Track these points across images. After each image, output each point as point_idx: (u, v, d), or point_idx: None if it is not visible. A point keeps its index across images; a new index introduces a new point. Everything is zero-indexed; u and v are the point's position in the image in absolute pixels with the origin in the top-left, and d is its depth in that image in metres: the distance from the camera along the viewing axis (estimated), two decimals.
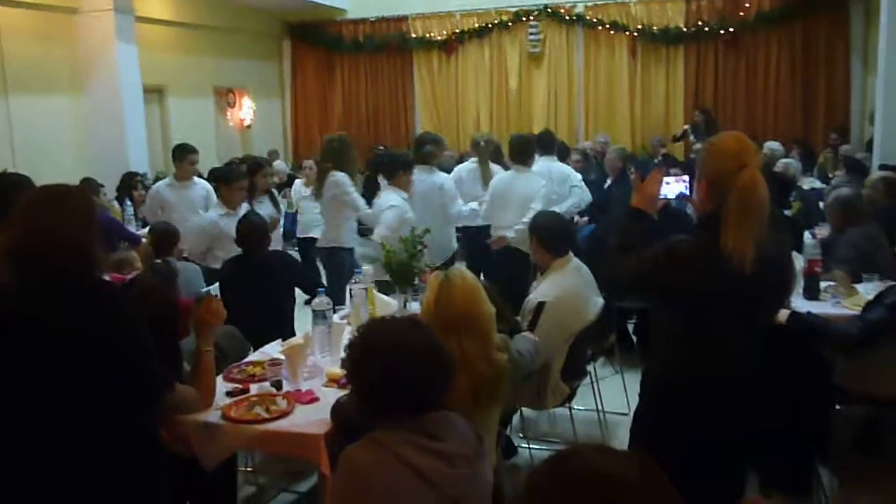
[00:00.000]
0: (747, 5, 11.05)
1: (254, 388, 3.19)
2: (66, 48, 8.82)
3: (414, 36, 12.56)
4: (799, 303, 4.04)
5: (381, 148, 8.16)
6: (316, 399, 3.07)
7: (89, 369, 2.17)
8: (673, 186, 2.64)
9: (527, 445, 4.22)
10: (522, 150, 5.98)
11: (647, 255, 2.42)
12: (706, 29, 11.19)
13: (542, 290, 3.79)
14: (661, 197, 2.60)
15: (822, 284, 4.27)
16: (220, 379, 3.14)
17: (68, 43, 8.84)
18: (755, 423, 2.58)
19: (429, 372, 1.95)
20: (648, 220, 2.55)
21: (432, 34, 12.47)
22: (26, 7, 8.28)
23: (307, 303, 4.20)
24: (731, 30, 11.10)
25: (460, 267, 2.84)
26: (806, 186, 7.61)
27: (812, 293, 4.20)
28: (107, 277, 2.92)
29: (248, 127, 12.45)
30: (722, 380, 2.43)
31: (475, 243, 6.47)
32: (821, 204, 6.75)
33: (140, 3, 9.25)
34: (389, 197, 5.31)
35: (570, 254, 3.92)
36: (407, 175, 5.38)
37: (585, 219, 7.32)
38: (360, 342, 2.01)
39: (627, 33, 11.56)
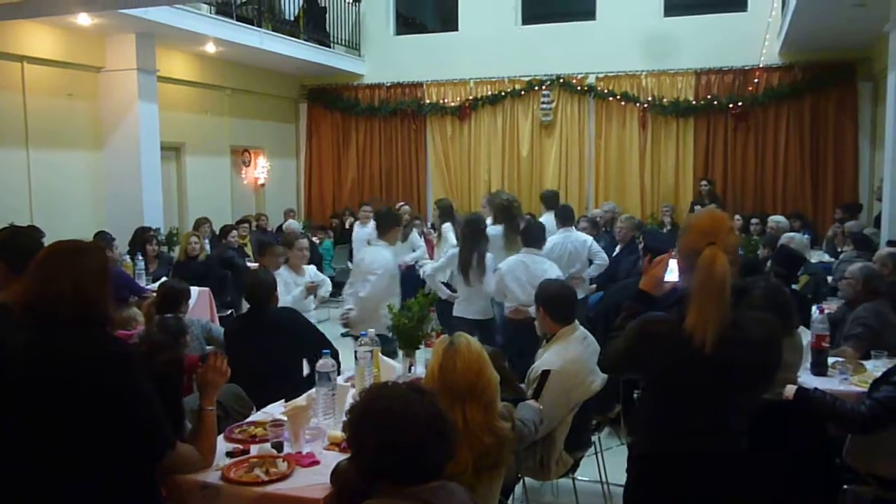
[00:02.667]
0: (756, 81, 11.24)
1: (254, 449, 3.16)
2: (88, 105, 9.05)
3: (428, 102, 12.81)
4: (806, 378, 4.00)
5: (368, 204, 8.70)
6: (316, 462, 3.04)
7: (95, 422, 2.18)
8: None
9: None
10: (539, 236, 6.11)
11: (626, 332, 2.46)
12: (715, 102, 11.37)
13: (546, 358, 3.78)
14: (667, 280, 2.63)
15: (830, 360, 4.24)
16: (220, 438, 3.13)
17: (91, 100, 9.08)
18: (748, 500, 2.55)
19: (429, 440, 1.93)
20: (653, 302, 2.58)
21: (446, 100, 12.72)
22: (53, 65, 8.52)
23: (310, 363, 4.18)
24: (741, 104, 11.27)
25: (465, 334, 2.83)
26: (814, 260, 7.61)
27: (820, 369, 4.16)
28: None
29: (263, 185, 12.62)
30: (701, 455, 2.41)
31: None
32: (829, 279, 6.76)
33: (162, 63, 9.51)
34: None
35: (576, 322, 3.92)
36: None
37: (594, 286, 7.32)
38: (360, 407, 2.01)
39: (638, 105, 11.76)
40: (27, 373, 2.22)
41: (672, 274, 2.63)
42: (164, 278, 6.68)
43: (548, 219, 7.77)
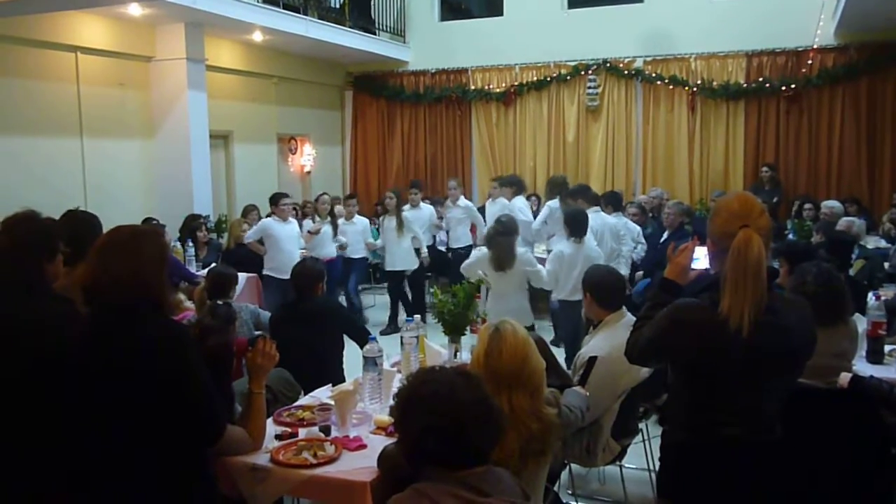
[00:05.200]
0: (810, 62, 10.94)
1: (302, 433, 3.22)
2: (139, 94, 9.22)
3: (473, 88, 12.75)
4: (861, 366, 3.91)
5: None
6: (363, 446, 3.08)
7: (152, 405, 2.23)
8: (705, 256, 2.60)
9: (575, 503, 4.15)
10: (583, 224, 6.17)
11: (655, 320, 2.43)
12: (767, 85, 11.09)
13: (594, 344, 3.76)
14: (693, 268, 2.59)
15: (887, 348, 4.13)
16: (269, 422, 3.18)
17: (142, 89, 9.25)
18: (788, 491, 2.50)
19: (475, 424, 1.92)
20: (679, 291, 2.54)
21: (491, 86, 12.64)
22: (105, 55, 8.69)
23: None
24: (794, 86, 10.98)
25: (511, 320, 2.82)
26: (870, 246, 7.41)
27: (876, 356, 4.07)
28: None
29: (308, 173, 12.73)
30: (735, 442, 2.38)
31: None
32: (885, 264, 6.58)
33: (211, 52, 9.63)
34: None
35: (624, 309, 3.88)
36: None
37: (641, 273, 7.25)
38: (407, 391, 2.02)
39: (687, 88, 11.53)
40: (86, 357, 2.28)
41: (698, 262, 2.60)
42: (213, 264, 6.81)
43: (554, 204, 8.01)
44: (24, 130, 7.86)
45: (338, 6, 11.73)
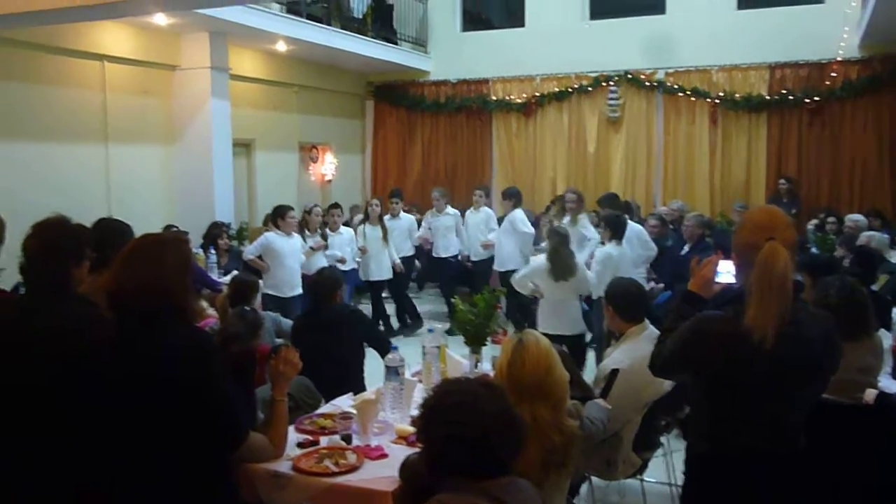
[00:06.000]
0: (833, 74, 10.87)
1: (324, 441, 3.23)
2: (163, 102, 9.32)
3: (494, 98, 12.78)
4: (886, 382, 3.87)
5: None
6: (385, 455, 3.08)
7: (176, 411, 2.25)
8: (728, 269, 2.59)
9: None
10: (623, 227, 6.45)
11: (678, 332, 2.43)
12: (790, 97, 11.04)
13: (616, 356, 3.75)
14: (717, 281, 2.59)
15: None
16: (291, 429, 3.19)
17: (166, 97, 9.35)
18: (806, 503, 2.48)
19: (497, 434, 1.93)
20: (703, 304, 2.54)
21: (512, 97, 12.67)
22: (131, 63, 8.80)
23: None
24: (817, 98, 10.92)
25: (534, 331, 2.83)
26: (893, 260, 7.33)
27: None
28: None
29: (329, 181, 12.80)
30: (759, 455, 2.37)
31: None
32: None
33: (235, 61, 9.73)
34: None
35: (646, 321, 3.87)
36: None
37: (661, 285, 7.22)
38: (431, 401, 2.02)
39: (708, 100, 11.50)
40: (110, 363, 2.31)
41: (722, 276, 2.59)
42: (234, 272, 6.86)
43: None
44: (51, 137, 7.97)
45: (360, 16, 11.81)
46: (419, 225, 9.56)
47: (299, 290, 7.10)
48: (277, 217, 7.32)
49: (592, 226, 7.84)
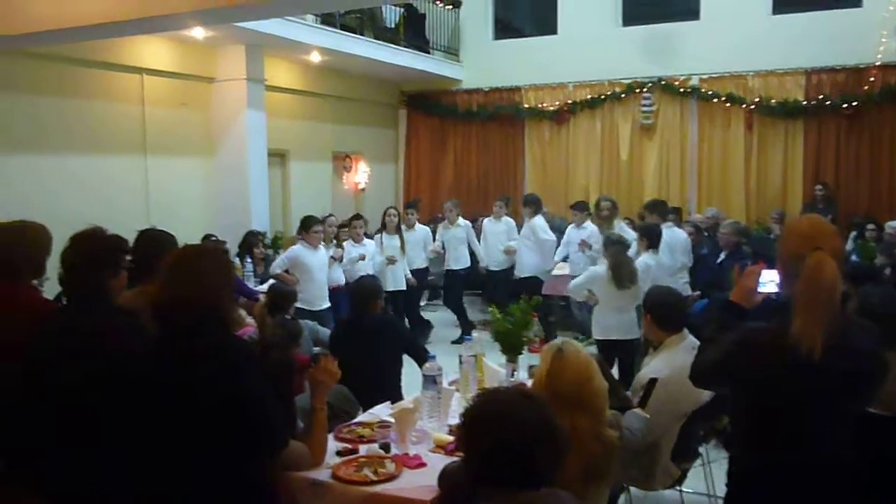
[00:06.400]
0: (872, 79, 10.70)
1: (362, 449, 3.25)
2: (201, 113, 9.48)
3: (526, 106, 12.78)
4: None
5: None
6: (423, 464, 3.09)
7: (218, 421, 2.28)
8: (771, 279, 2.58)
9: None
10: (659, 237, 6.55)
11: (722, 343, 2.41)
12: (827, 103, 10.88)
13: (654, 366, 3.73)
14: (760, 291, 2.57)
15: None
16: (329, 437, 3.21)
17: (203, 109, 9.50)
18: None
19: (539, 444, 1.92)
20: (744, 314, 2.52)
21: (545, 104, 12.65)
22: (169, 76, 8.97)
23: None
24: (854, 104, 10.75)
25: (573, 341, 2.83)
26: None
27: None
28: None
29: (363, 190, 12.89)
30: (806, 468, 2.34)
31: None
32: None
33: (270, 72, 9.85)
34: None
35: (685, 331, 3.84)
36: None
37: (698, 293, 7.16)
38: (472, 411, 2.03)
39: (744, 106, 11.38)
40: (152, 375, 2.35)
41: (765, 286, 2.57)
42: (271, 281, 6.92)
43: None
44: (91, 149, 8.14)
45: (393, 26, 11.89)
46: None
47: (328, 303, 7.06)
48: (303, 230, 7.20)
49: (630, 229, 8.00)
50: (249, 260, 7.86)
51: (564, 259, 8.63)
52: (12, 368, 2.61)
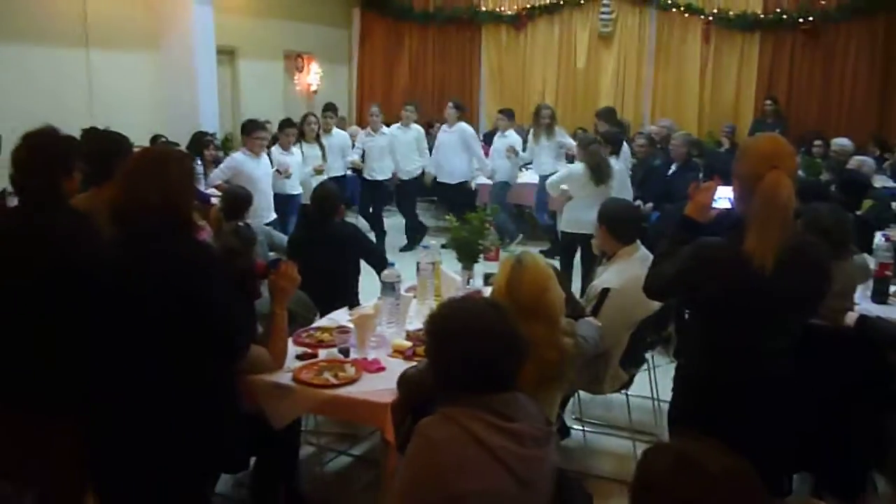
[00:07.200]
0: None
1: (322, 354, 3.29)
2: (145, 6, 9.02)
3: (484, 9, 12.50)
4: (867, 305, 3.98)
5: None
6: (382, 368, 3.15)
7: (181, 324, 2.28)
8: (725, 195, 2.63)
9: (580, 428, 4.28)
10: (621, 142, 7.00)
11: (678, 257, 2.48)
12: (784, 17, 10.90)
13: (607, 277, 3.81)
14: (714, 207, 2.63)
15: (892, 288, 4.20)
16: (289, 342, 3.24)
17: (148, 1, 9.04)
18: (795, 426, 2.59)
19: (504, 353, 1.98)
20: (699, 229, 2.58)
21: (503, 8, 12.40)
22: None
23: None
24: (811, 19, 10.79)
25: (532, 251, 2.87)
26: (877, 185, 7.41)
27: (881, 297, 4.13)
28: None
29: (315, 92, 12.58)
30: (748, 380, 2.45)
31: None
32: (893, 204, 6.59)
33: None
34: None
35: (638, 242, 3.92)
36: None
37: (650, 206, 7.27)
38: (440, 320, 2.06)
39: (702, 17, 11.33)
40: (116, 281, 2.32)
41: (719, 201, 2.63)
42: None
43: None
44: (28, 38, 7.69)
45: None
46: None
47: (274, 214, 6.65)
48: (245, 134, 6.61)
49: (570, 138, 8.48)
50: (200, 162, 7.65)
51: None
52: None
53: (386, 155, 8.66)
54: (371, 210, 8.87)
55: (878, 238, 4.58)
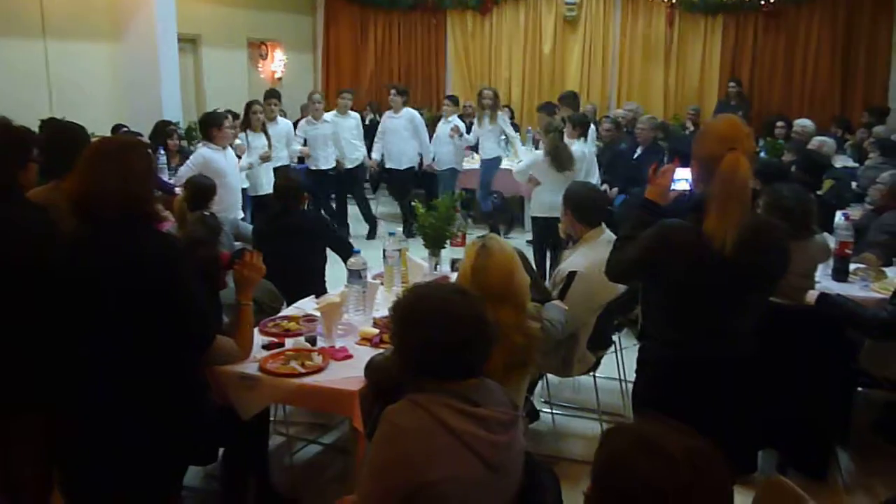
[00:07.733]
0: None
1: (289, 343, 3.27)
2: None
3: None
4: (827, 284, 4.06)
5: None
6: (350, 356, 3.14)
7: (144, 316, 2.26)
8: (684, 177, 2.68)
9: (549, 411, 4.32)
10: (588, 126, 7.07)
11: (639, 240, 2.50)
12: (748, 0, 10.99)
13: (573, 260, 3.82)
14: (674, 188, 2.66)
15: (852, 266, 4.28)
16: (255, 332, 3.22)
17: None
18: (759, 404, 2.63)
19: (472, 339, 1.96)
20: (660, 211, 2.61)
21: None
22: None
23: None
24: (773, 2, 10.90)
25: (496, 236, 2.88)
26: (838, 165, 7.53)
27: (841, 275, 4.21)
28: None
29: (280, 80, 12.45)
30: (713, 361, 2.48)
31: None
32: (853, 184, 6.71)
33: None
34: None
35: (603, 225, 3.95)
36: None
37: (615, 189, 7.32)
38: (406, 306, 2.03)
39: (666, 1, 11.39)
40: (75, 274, 2.29)
41: (678, 183, 2.66)
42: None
43: None
44: None
45: None
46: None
47: (242, 213, 6.28)
48: (212, 128, 6.05)
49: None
50: (163, 152, 7.53)
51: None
52: None
53: (329, 143, 8.49)
54: (334, 199, 8.82)
55: (839, 217, 4.66)
